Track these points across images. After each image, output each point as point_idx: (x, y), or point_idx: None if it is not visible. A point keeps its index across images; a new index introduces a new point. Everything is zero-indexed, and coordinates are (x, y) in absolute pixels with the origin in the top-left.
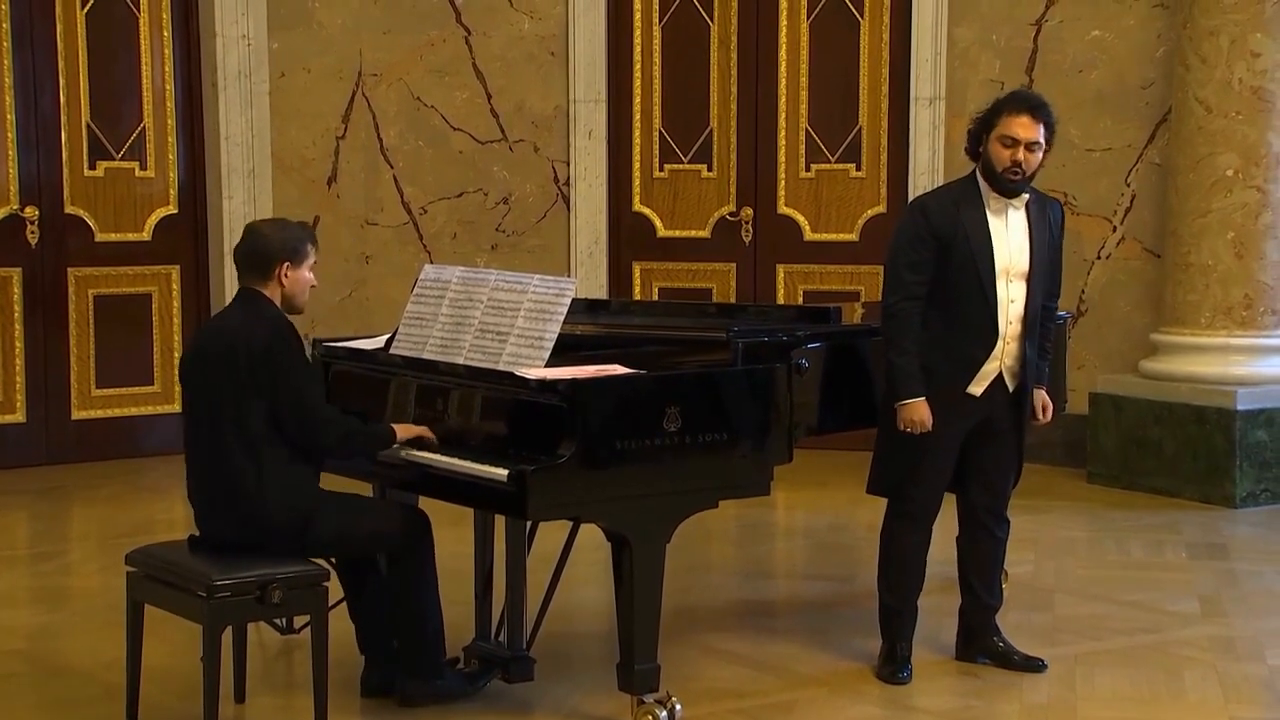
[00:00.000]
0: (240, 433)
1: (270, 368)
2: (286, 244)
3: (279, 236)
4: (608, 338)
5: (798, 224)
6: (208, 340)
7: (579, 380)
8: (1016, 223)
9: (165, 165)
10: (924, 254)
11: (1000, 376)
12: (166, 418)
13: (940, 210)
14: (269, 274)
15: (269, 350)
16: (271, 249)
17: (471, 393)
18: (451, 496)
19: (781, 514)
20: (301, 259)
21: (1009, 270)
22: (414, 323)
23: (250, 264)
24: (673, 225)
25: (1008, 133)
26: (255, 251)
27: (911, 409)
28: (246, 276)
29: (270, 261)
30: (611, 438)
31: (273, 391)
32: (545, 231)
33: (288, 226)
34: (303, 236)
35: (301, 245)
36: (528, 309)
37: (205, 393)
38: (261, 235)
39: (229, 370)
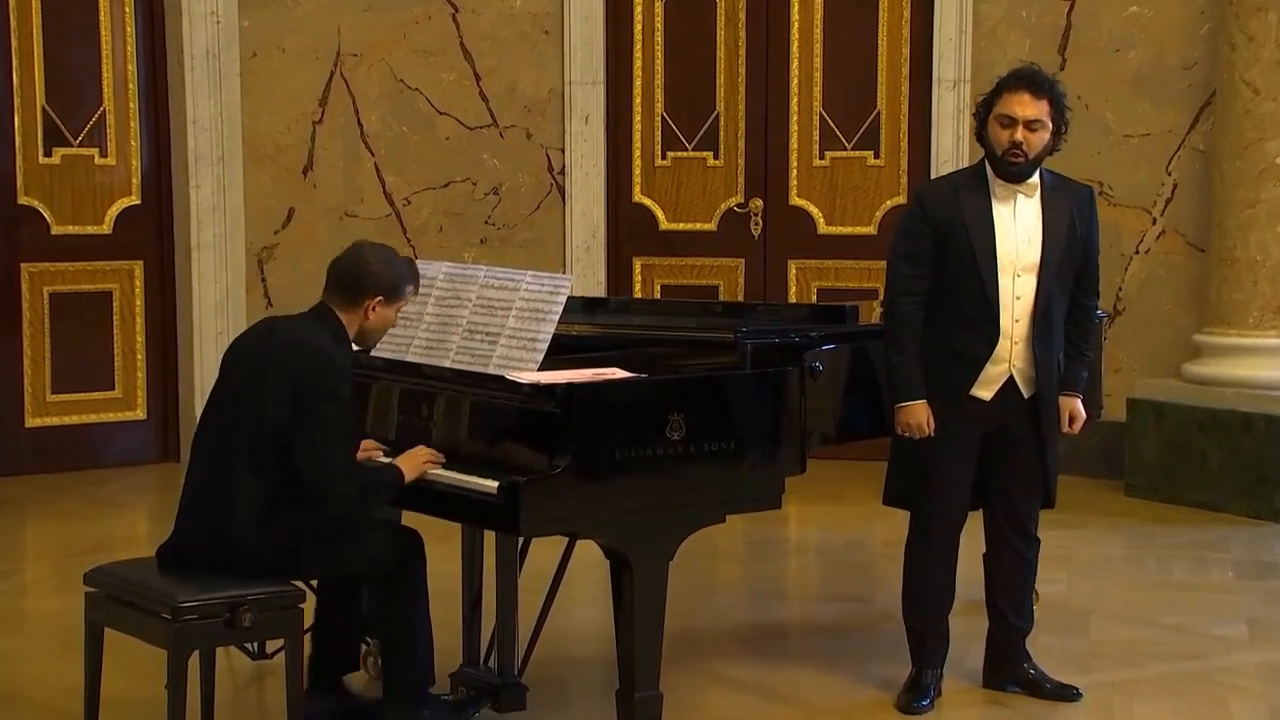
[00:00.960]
0: (250, 455)
1: (302, 400)
2: (386, 279)
3: (383, 269)
4: (606, 339)
5: (811, 216)
6: (260, 339)
7: (575, 385)
8: (1026, 211)
9: (127, 152)
10: (920, 245)
11: (1011, 380)
12: (129, 426)
13: (938, 198)
14: (356, 303)
15: (308, 380)
16: (369, 279)
17: (459, 398)
18: (437, 510)
19: (794, 529)
20: (395, 299)
21: (1015, 263)
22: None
23: (342, 285)
24: (676, 218)
25: (1005, 111)
26: (353, 275)
27: (909, 412)
28: (333, 295)
29: (363, 291)
30: (610, 447)
31: (293, 426)
32: (539, 224)
33: (395, 261)
34: (406, 277)
35: (402, 286)
36: (520, 308)
37: (232, 396)
38: (366, 261)
39: (267, 385)
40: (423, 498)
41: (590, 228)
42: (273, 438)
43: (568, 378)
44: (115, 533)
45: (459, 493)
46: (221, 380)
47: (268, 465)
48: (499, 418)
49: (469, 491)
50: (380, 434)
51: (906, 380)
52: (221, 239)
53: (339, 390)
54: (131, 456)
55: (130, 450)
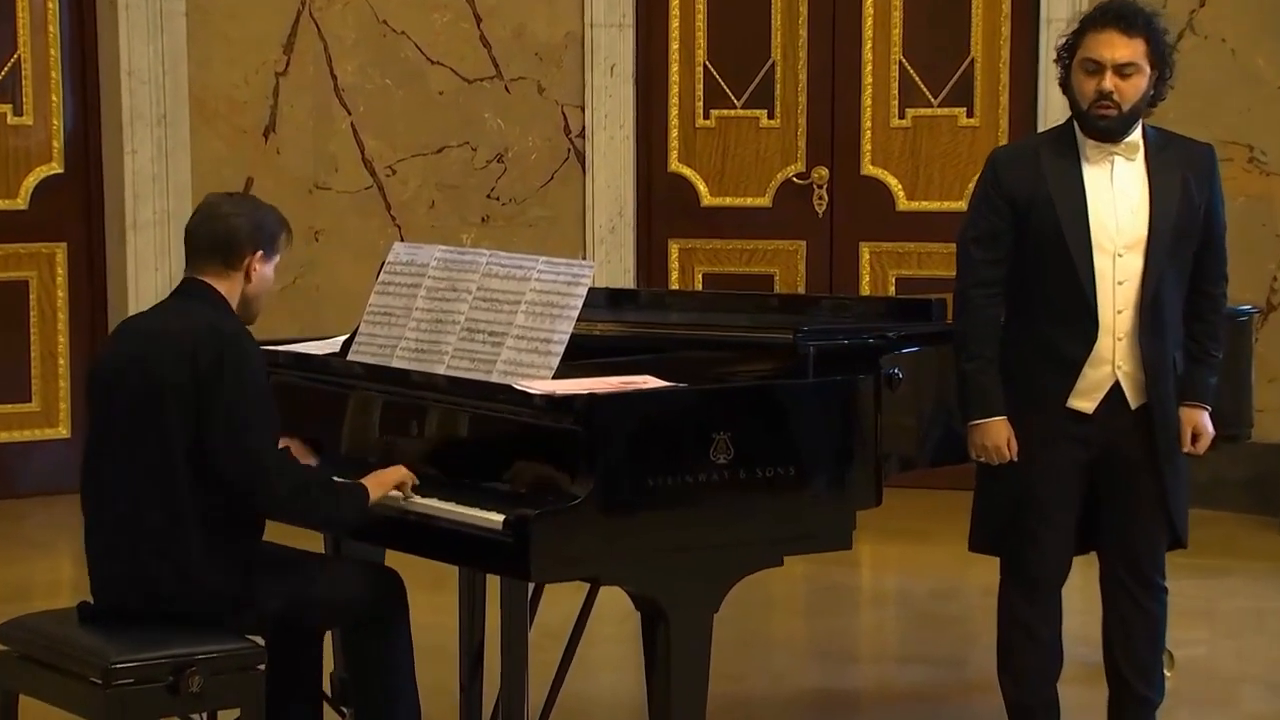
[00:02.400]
0: (164, 473)
1: (216, 389)
2: (262, 229)
3: (252, 219)
4: (636, 340)
5: (888, 189)
6: (131, 345)
7: (598, 396)
8: (1127, 177)
9: (46, 110)
10: (996, 223)
11: (1117, 387)
12: (49, 446)
13: (1015, 164)
14: (234, 264)
15: (220, 365)
16: (242, 234)
17: (455, 413)
18: (429, 550)
19: (867, 575)
20: (274, 250)
21: (1114, 240)
22: (380, 320)
23: (211, 247)
24: (722, 191)
25: (1091, 54)
26: (221, 233)
27: (984, 431)
28: (201, 264)
29: (239, 249)
30: (641, 473)
31: (211, 421)
32: (553, 199)
33: (260, 208)
34: (280, 223)
35: (278, 233)
36: (530, 302)
37: (121, 417)
38: (229, 214)
39: (159, 388)
40: (411, 534)
41: (616, 204)
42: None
43: (589, 387)
44: (33, 577)
45: (456, 528)
46: (97, 411)
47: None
48: (504, 436)
49: (468, 527)
50: (358, 454)
51: (980, 392)
52: (163, 216)
53: (258, 365)
54: (52, 483)
55: (51, 476)
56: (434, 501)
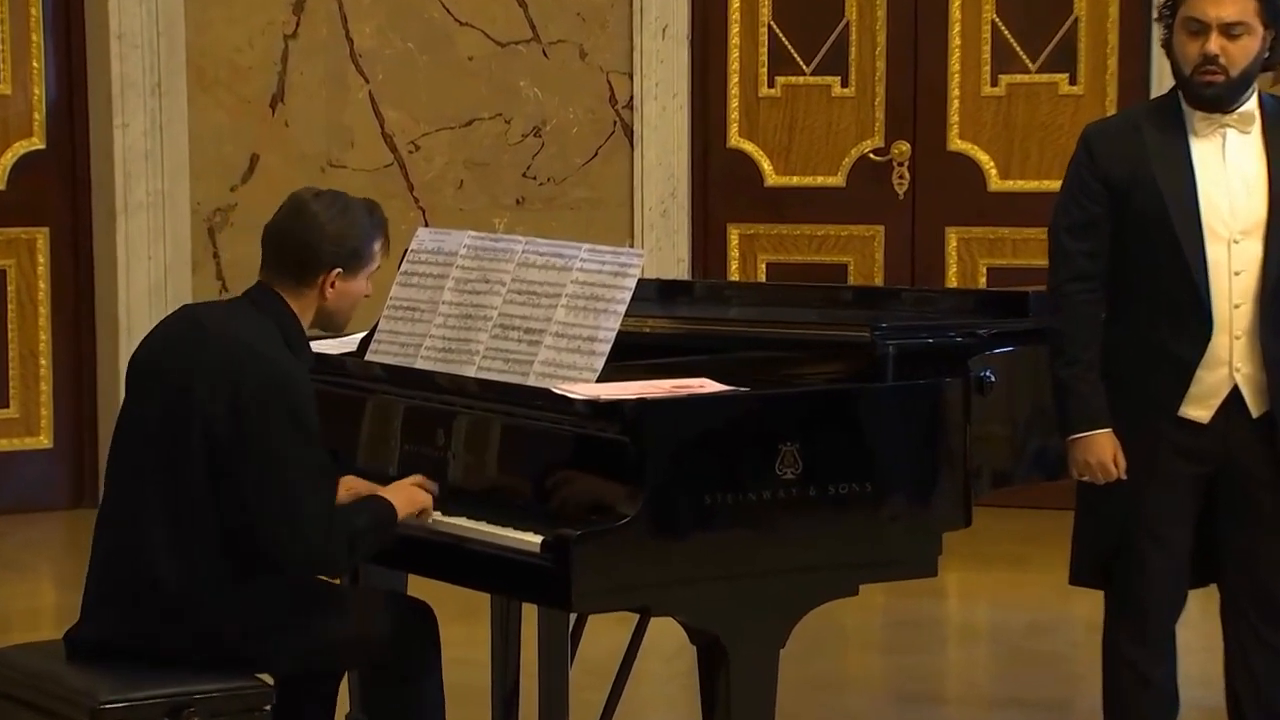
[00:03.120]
0: (184, 497)
1: (254, 433)
2: (346, 242)
3: (339, 227)
4: (691, 338)
5: (979, 166)
6: (188, 335)
7: (648, 402)
8: (1242, 152)
9: (26, 77)
10: (1091, 209)
11: (1236, 392)
12: (29, 457)
13: (1112, 141)
14: (308, 281)
15: (261, 405)
16: (321, 248)
17: (487, 420)
18: (457, 575)
19: (955, 606)
20: (360, 265)
21: (1228, 225)
22: (402, 315)
23: (286, 258)
24: (788, 169)
25: (1193, 13)
26: (298, 243)
27: (1087, 446)
28: (274, 272)
29: (315, 265)
30: (697, 488)
31: (242, 468)
32: (597, 178)
33: (353, 212)
34: (370, 231)
35: (366, 246)
36: (572, 295)
37: (159, 415)
38: (314, 222)
39: (200, 396)
40: (437, 558)
41: (669, 183)
42: (208, 479)
43: (638, 392)
44: (11, 604)
45: (487, 551)
46: (132, 402)
47: (204, 515)
48: (543, 447)
49: (501, 549)
50: (376, 467)
51: (1080, 401)
52: (157, 198)
53: (305, 415)
54: (33, 499)
55: (31, 491)
56: (462, 521)
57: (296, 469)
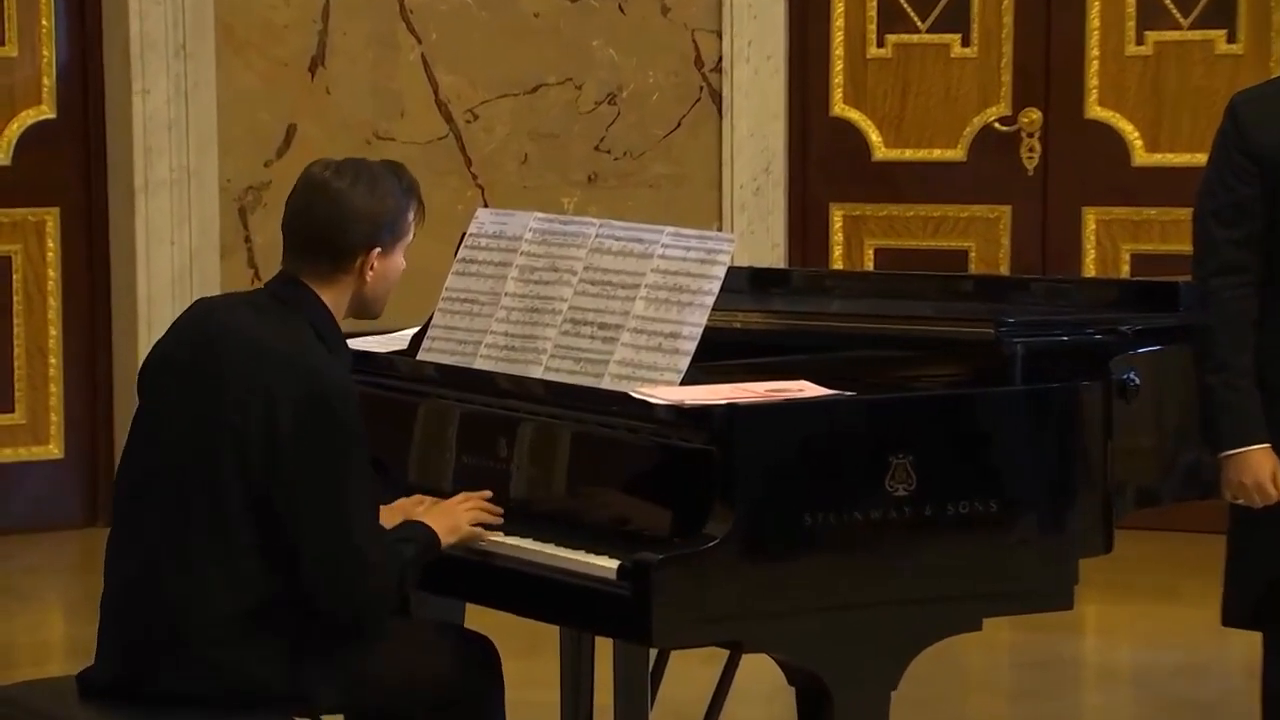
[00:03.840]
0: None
1: (299, 455)
2: (382, 216)
3: (370, 202)
4: (787, 335)
5: (1121, 137)
6: (214, 336)
7: (740, 408)
8: None
9: (34, 37)
10: (1240, 191)
11: None
12: (37, 469)
13: (1264, 111)
14: (344, 267)
15: (304, 423)
16: (358, 226)
17: (554, 429)
18: (521, 605)
19: (1093, 644)
20: (399, 239)
21: None
22: (459, 309)
23: (314, 247)
24: (900, 140)
25: None
26: (329, 227)
27: (1240, 464)
28: (303, 261)
29: (353, 246)
30: (796, 507)
31: (285, 494)
32: (681, 152)
33: (381, 180)
34: (404, 199)
35: (403, 217)
36: (653, 285)
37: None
38: (343, 199)
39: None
40: (498, 585)
41: (763, 157)
42: (241, 501)
43: (728, 396)
44: (16, 637)
45: (556, 577)
46: (147, 412)
47: (234, 541)
48: (619, 459)
49: (572, 575)
50: (429, 481)
51: (1233, 413)
52: (181, 174)
53: (352, 434)
54: (41, 517)
55: (39, 507)
56: (528, 543)
57: (346, 499)
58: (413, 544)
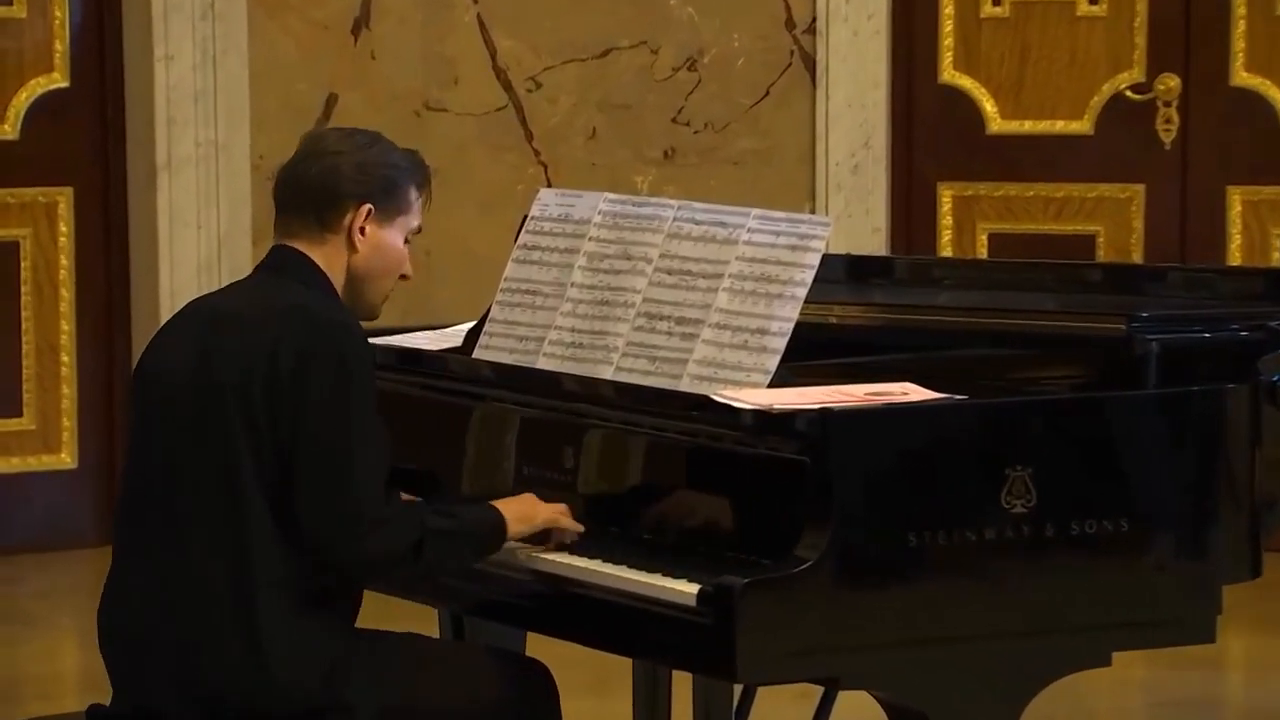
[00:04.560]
0: (228, 519)
1: (302, 402)
2: (375, 169)
3: (364, 155)
4: (889, 331)
5: (1271, 106)
6: (190, 334)
7: (835, 413)
8: None
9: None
10: None
11: None
12: (48, 480)
13: None
14: (330, 223)
15: (307, 367)
16: (346, 173)
17: (628, 436)
18: (589, 634)
19: (1238, 682)
20: (395, 207)
21: None
22: (519, 301)
23: (300, 201)
24: (1018, 111)
25: None
26: (312, 180)
27: None
28: (290, 224)
29: (335, 200)
30: (899, 525)
31: (293, 448)
32: (768, 124)
33: (378, 145)
34: (406, 168)
35: (401, 182)
36: (738, 275)
37: (173, 437)
38: (333, 148)
39: (224, 399)
40: (563, 611)
41: (862, 130)
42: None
43: (822, 400)
44: (24, 666)
45: (627, 603)
46: (141, 426)
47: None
48: (699, 471)
49: (647, 602)
50: (487, 490)
51: None
52: (209, 150)
53: (357, 372)
54: (52, 534)
55: (50, 523)
56: (596, 564)
57: (347, 445)
58: (453, 519)
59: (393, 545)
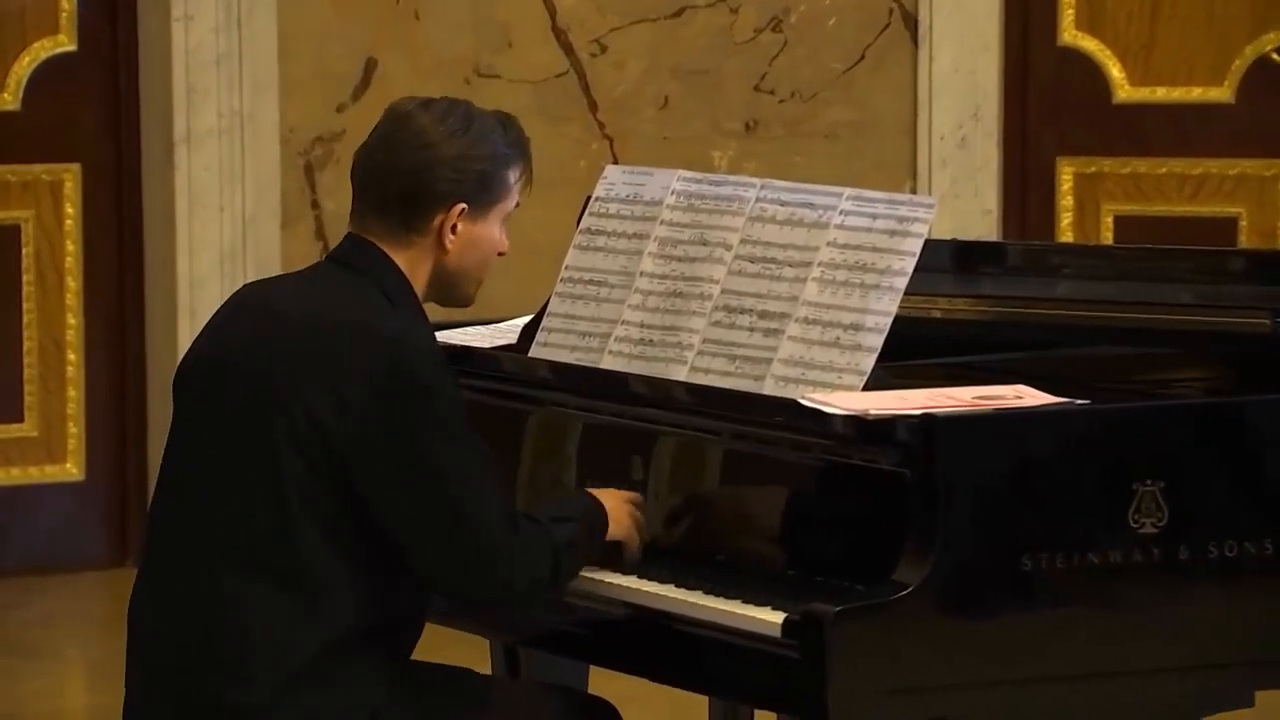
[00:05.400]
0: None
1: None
2: (471, 164)
3: (459, 145)
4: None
5: None
6: (243, 331)
7: (939, 419)
8: None
9: None
10: None
11: None
12: (52, 493)
13: None
14: (417, 224)
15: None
16: (439, 171)
17: (704, 445)
18: (661, 669)
19: None
20: (492, 200)
21: None
22: (582, 293)
23: (381, 198)
24: (1148, 76)
25: None
26: (404, 170)
27: None
28: (368, 218)
29: (430, 196)
30: (1012, 547)
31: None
32: (865, 92)
33: (479, 122)
34: (505, 151)
35: (500, 171)
36: (828, 264)
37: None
38: (425, 137)
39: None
40: (631, 642)
41: (971, 99)
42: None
43: (924, 405)
44: (26, 705)
45: (706, 634)
46: (183, 427)
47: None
48: (784, 484)
49: (726, 632)
50: None
51: None
52: (233, 122)
53: (444, 397)
54: (57, 554)
55: (55, 542)
56: (668, 589)
57: (452, 480)
58: (571, 523)
59: (536, 573)
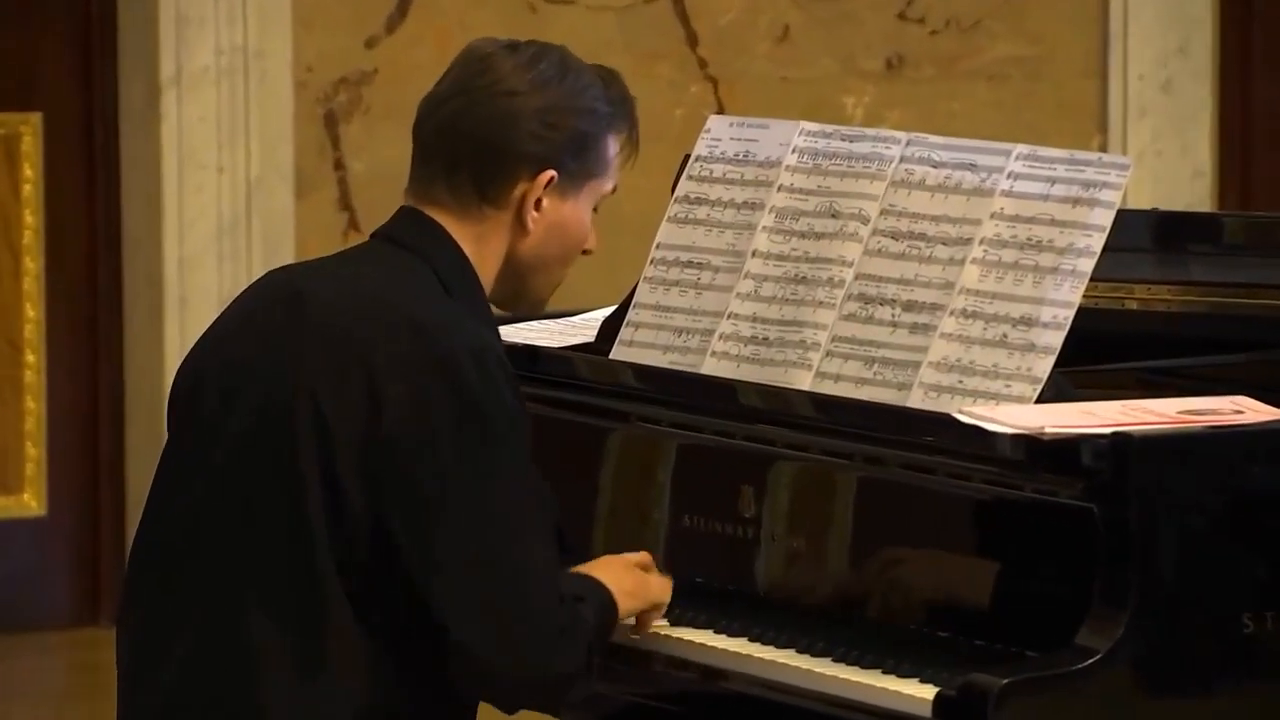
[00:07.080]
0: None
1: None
2: (565, 121)
3: (551, 97)
4: (1215, 321)
5: None
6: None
7: (1135, 440)
8: None
9: None
10: None
11: None
12: (6, 532)
13: None
14: (492, 193)
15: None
16: (523, 128)
17: (834, 472)
18: None
19: None
20: (588, 171)
21: None
22: (677, 279)
23: (456, 153)
24: None
25: None
26: (480, 126)
27: None
28: (430, 185)
29: (505, 163)
30: (1229, 602)
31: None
32: (1038, 23)
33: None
34: (606, 111)
35: (600, 135)
36: (994, 241)
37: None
38: (507, 85)
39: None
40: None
41: (1176, 31)
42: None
43: (1116, 421)
44: None
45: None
46: (178, 445)
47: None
48: (936, 521)
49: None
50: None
51: None
52: (236, 61)
53: (499, 418)
54: (13, 608)
55: (10, 593)
56: (788, 656)
57: (505, 526)
58: (586, 604)
59: (578, 655)
